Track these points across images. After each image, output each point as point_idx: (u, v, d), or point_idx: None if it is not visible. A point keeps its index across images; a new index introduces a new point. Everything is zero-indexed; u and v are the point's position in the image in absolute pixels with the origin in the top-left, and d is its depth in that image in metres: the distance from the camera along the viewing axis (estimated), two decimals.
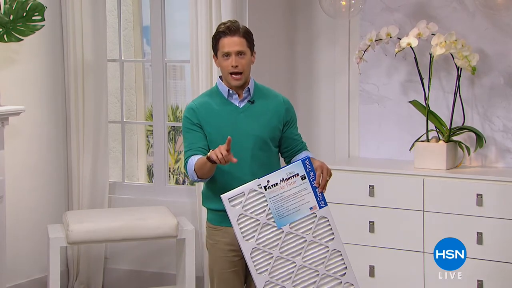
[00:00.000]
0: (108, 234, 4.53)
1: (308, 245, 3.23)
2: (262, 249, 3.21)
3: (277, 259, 3.22)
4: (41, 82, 5.13)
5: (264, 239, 3.22)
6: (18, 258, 4.98)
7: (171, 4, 5.70)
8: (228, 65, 3.32)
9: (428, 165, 4.44)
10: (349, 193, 4.53)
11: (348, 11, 4.52)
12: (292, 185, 3.24)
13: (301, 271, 3.23)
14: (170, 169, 6.65)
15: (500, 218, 4.18)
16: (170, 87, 7.03)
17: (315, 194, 3.26)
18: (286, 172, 3.24)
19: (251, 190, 3.22)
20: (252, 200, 3.22)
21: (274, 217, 3.22)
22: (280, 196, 3.22)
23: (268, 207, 3.22)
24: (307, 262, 3.23)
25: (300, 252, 3.23)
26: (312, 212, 3.25)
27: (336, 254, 3.25)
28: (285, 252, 3.22)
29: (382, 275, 4.48)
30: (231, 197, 3.22)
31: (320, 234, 3.25)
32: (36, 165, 5.11)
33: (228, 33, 3.32)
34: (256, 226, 3.22)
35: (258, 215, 3.22)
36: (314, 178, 3.25)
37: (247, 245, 3.21)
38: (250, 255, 3.21)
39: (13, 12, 4.53)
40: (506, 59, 4.51)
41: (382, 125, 4.85)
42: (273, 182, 3.23)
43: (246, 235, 3.21)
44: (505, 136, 4.55)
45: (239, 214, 3.21)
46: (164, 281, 5.20)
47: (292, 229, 3.23)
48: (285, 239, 3.22)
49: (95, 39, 5.14)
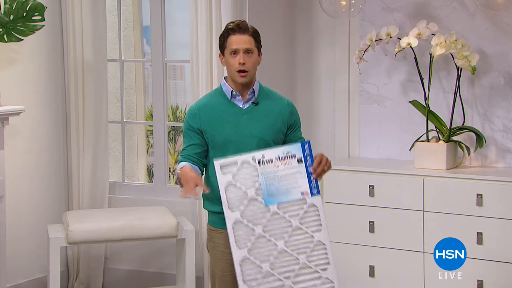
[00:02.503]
0: (108, 234, 4.53)
1: (293, 230, 3.17)
2: (245, 224, 3.15)
3: (259, 237, 3.15)
4: (41, 82, 5.13)
5: (249, 214, 3.16)
6: (18, 258, 4.98)
7: (171, 4, 5.71)
8: (236, 62, 3.32)
9: (428, 165, 4.44)
10: (349, 193, 4.53)
11: (348, 11, 4.52)
12: (287, 166, 3.17)
13: (281, 256, 3.16)
14: (170, 169, 6.65)
15: (500, 218, 4.18)
16: (170, 87, 7.04)
17: (309, 180, 3.18)
18: (284, 151, 3.18)
19: (245, 161, 3.17)
20: (244, 171, 3.16)
21: (263, 193, 3.16)
22: (273, 173, 3.16)
23: (259, 182, 3.16)
24: (289, 248, 3.16)
25: (284, 236, 3.16)
26: (302, 198, 3.18)
27: (320, 246, 3.18)
28: (269, 232, 3.15)
29: (382, 275, 4.48)
30: (223, 164, 3.16)
31: (307, 222, 3.18)
32: (36, 165, 5.11)
33: (238, 31, 3.33)
34: (243, 199, 3.15)
35: (247, 188, 3.16)
36: (311, 163, 3.19)
37: (231, 216, 3.14)
38: (232, 226, 3.14)
39: (13, 12, 4.53)
40: (506, 59, 4.51)
41: (382, 125, 4.85)
42: (268, 158, 3.17)
43: (232, 205, 3.15)
44: (505, 136, 4.55)
45: (228, 182, 3.16)
46: (164, 281, 5.20)
47: (279, 210, 3.16)
48: (270, 219, 3.16)
49: (95, 39, 5.14)
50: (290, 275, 3.16)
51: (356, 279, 4.54)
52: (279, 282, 3.16)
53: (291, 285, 3.16)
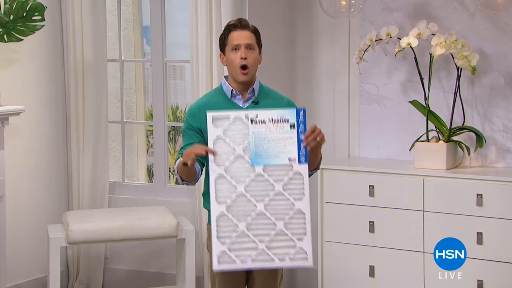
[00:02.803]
0: (108, 234, 4.53)
1: (275, 195, 3.15)
2: (228, 180, 3.14)
3: (240, 195, 3.14)
4: (41, 82, 5.13)
5: (233, 170, 3.14)
6: (18, 258, 4.98)
7: (171, 4, 5.71)
8: (237, 57, 3.32)
9: (428, 165, 4.44)
10: (349, 193, 4.53)
11: (348, 11, 4.52)
12: (279, 129, 3.15)
13: (259, 218, 3.14)
14: (170, 169, 6.64)
15: (500, 218, 4.18)
16: (170, 87, 7.04)
17: (299, 147, 3.16)
18: (278, 114, 3.16)
19: (237, 117, 3.16)
20: (235, 127, 3.15)
21: (251, 153, 3.15)
22: (263, 134, 3.15)
23: (248, 141, 3.15)
24: (268, 212, 3.14)
25: (264, 199, 3.15)
26: (289, 164, 3.16)
27: (299, 215, 3.15)
28: (250, 192, 3.14)
29: (382, 275, 4.48)
30: (216, 117, 3.16)
31: (290, 189, 3.15)
32: (36, 165, 5.11)
33: (239, 27, 3.34)
34: (230, 154, 3.15)
35: (236, 145, 3.15)
36: (303, 131, 3.17)
37: (216, 169, 3.14)
38: (215, 180, 3.14)
39: (13, 12, 4.53)
40: (506, 59, 4.51)
41: (382, 125, 4.85)
42: (261, 118, 3.15)
43: (218, 159, 3.15)
44: (505, 136, 4.55)
45: (217, 136, 3.15)
46: (164, 281, 5.20)
47: (265, 172, 3.15)
48: (254, 179, 3.14)
49: (95, 39, 5.14)
50: (265, 239, 3.13)
51: (356, 279, 4.54)
52: (253, 244, 3.14)
53: (264, 249, 3.14)
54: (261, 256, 3.13)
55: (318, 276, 4.65)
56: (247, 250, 3.13)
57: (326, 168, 4.58)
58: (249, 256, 3.13)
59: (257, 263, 3.14)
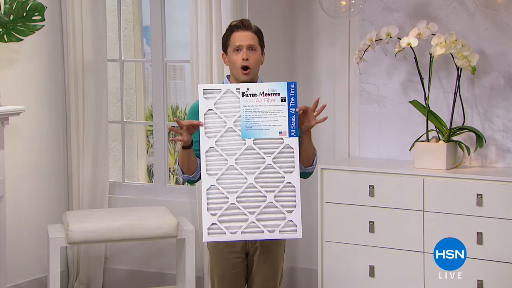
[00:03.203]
0: (108, 234, 4.52)
1: (265, 167, 3.18)
2: (219, 152, 3.17)
3: (230, 168, 3.17)
4: (41, 82, 5.13)
5: (224, 143, 3.18)
6: (18, 258, 4.98)
7: (171, 4, 5.70)
8: (239, 58, 3.32)
9: (428, 165, 4.44)
10: (349, 193, 4.53)
11: (348, 11, 4.52)
12: (270, 102, 3.18)
13: (249, 190, 3.17)
14: (170, 169, 6.65)
15: (500, 218, 4.18)
16: (170, 87, 7.03)
17: (289, 121, 3.18)
18: (269, 87, 3.19)
19: (228, 91, 3.19)
20: (226, 100, 3.19)
21: (242, 126, 3.18)
22: (254, 108, 3.17)
23: (239, 114, 3.18)
24: (258, 184, 3.17)
25: (255, 171, 3.17)
26: (280, 137, 3.19)
27: (289, 188, 3.19)
28: (240, 165, 3.17)
29: (382, 275, 4.48)
30: (207, 89, 3.19)
31: (280, 162, 3.19)
32: (36, 165, 5.11)
33: (241, 27, 3.34)
34: (221, 127, 3.18)
35: (226, 117, 3.18)
36: (294, 105, 3.19)
37: (206, 142, 3.17)
38: (205, 152, 3.17)
39: (13, 12, 4.53)
40: (506, 59, 4.51)
41: (382, 125, 4.85)
42: (252, 92, 3.18)
43: (208, 132, 3.18)
44: (505, 136, 4.55)
45: (208, 108, 3.18)
46: (164, 281, 5.20)
47: (255, 145, 3.18)
48: (244, 152, 3.18)
49: (95, 39, 5.14)
50: (255, 211, 3.17)
51: (356, 279, 4.54)
52: (243, 215, 3.17)
53: (254, 221, 3.17)
54: (250, 228, 3.17)
55: (318, 276, 4.65)
56: (237, 222, 3.17)
57: (326, 168, 4.58)
58: (239, 228, 3.17)
59: (247, 235, 3.18)
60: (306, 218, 3.76)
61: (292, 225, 3.19)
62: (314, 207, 4.76)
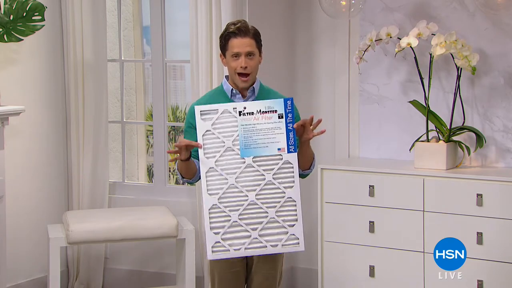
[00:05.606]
0: (108, 234, 4.53)
1: (266, 184, 3.21)
2: (219, 172, 3.20)
3: (231, 186, 3.20)
4: (41, 82, 5.13)
5: (223, 163, 3.21)
6: (18, 258, 4.98)
7: (171, 4, 5.70)
8: (237, 65, 3.33)
9: (428, 165, 4.44)
10: (349, 193, 4.53)
11: (348, 11, 4.52)
12: (267, 120, 3.20)
13: (251, 207, 3.21)
14: (170, 169, 6.65)
15: (500, 218, 4.18)
16: (170, 87, 7.03)
17: (287, 137, 3.21)
18: (265, 105, 3.21)
19: (225, 111, 3.21)
20: (224, 120, 3.21)
21: (240, 145, 3.20)
22: (252, 126, 3.20)
23: (237, 133, 3.20)
24: (259, 201, 3.21)
25: (255, 188, 3.21)
26: (279, 154, 3.22)
27: (290, 203, 3.23)
28: (241, 183, 3.20)
29: (382, 275, 4.48)
30: (204, 110, 3.21)
31: (280, 178, 3.22)
32: (36, 165, 5.11)
33: (239, 34, 3.34)
34: (220, 148, 3.20)
35: (225, 137, 3.20)
36: (291, 121, 3.21)
37: (206, 163, 3.19)
38: (206, 173, 3.19)
39: (13, 12, 4.53)
40: (506, 59, 4.51)
41: (382, 125, 4.85)
42: (249, 111, 3.20)
43: (207, 152, 3.20)
44: (505, 136, 4.55)
45: (206, 130, 3.20)
46: (164, 281, 5.20)
47: (254, 163, 3.21)
48: (244, 170, 3.20)
49: (95, 39, 5.14)
50: (257, 227, 3.21)
51: (356, 279, 4.54)
52: (245, 232, 3.21)
53: (257, 237, 3.21)
54: (253, 244, 3.22)
55: (318, 276, 4.65)
56: (240, 239, 3.21)
57: (326, 168, 4.58)
58: (242, 244, 3.21)
59: (250, 251, 3.22)
60: (306, 218, 3.76)
61: (294, 239, 3.24)
62: (314, 207, 4.76)
